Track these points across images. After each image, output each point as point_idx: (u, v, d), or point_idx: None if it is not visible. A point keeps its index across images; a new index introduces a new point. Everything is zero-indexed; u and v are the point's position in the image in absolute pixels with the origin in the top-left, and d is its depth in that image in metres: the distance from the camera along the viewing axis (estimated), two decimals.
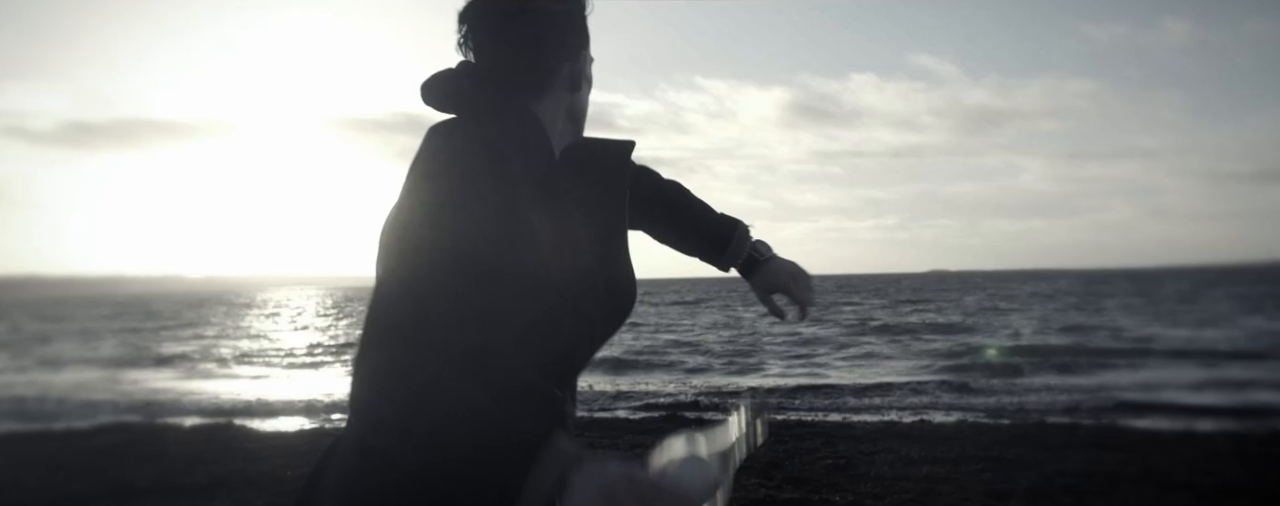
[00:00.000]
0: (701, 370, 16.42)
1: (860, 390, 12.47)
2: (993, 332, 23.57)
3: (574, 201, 1.34)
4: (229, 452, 7.02)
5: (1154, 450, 6.70)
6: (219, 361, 19.75)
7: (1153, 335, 21.90)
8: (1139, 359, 16.47)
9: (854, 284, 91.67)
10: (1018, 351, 17.79)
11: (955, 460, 6.33)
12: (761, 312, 19.26)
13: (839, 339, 22.30)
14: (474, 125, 1.27)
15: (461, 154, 1.23)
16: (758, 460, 6.37)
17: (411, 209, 1.19)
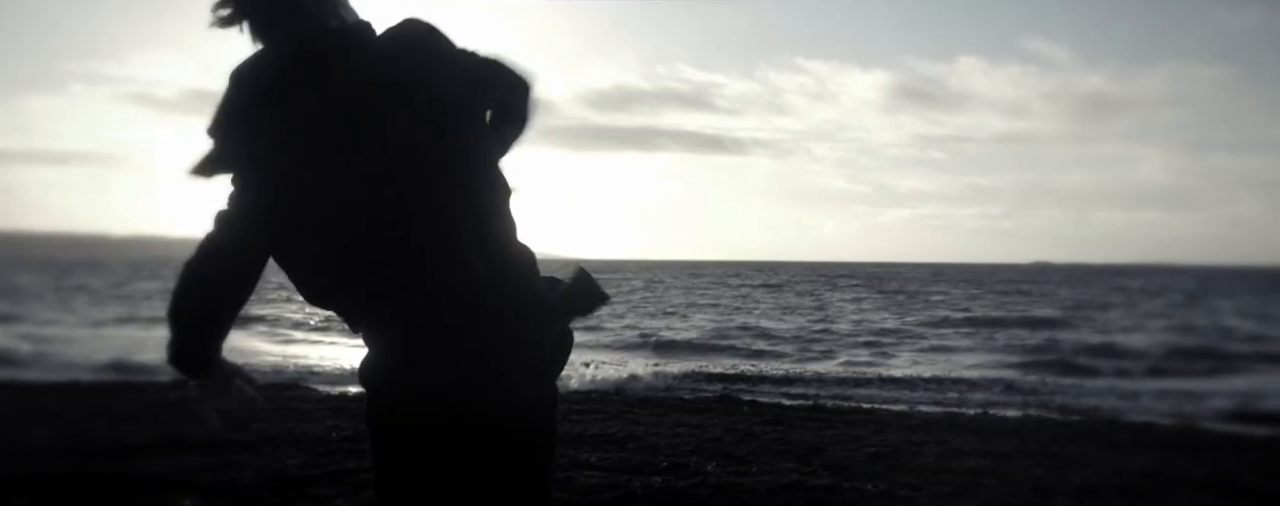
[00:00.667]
0: (765, 354, 16.21)
1: (927, 381, 12.10)
2: (1087, 328, 22.57)
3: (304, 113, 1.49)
4: (286, 412, 7.25)
5: (1230, 455, 6.28)
6: (301, 323, 20.50)
7: (1262, 336, 20.60)
8: (1240, 361, 15.51)
9: (952, 273, 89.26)
10: (1108, 348, 16.97)
11: (1008, 454, 6.06)
12: (846, 299, 19.12)
13: (917, 329, 21.72)
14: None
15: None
16: (800, 444, 6.25)
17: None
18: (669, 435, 6.43)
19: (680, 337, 18.67)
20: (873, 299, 36.35)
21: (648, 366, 13.76)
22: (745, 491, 4.77)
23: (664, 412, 7.68)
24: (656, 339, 18.27)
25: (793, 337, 19.15)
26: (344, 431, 6.32)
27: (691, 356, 15.60)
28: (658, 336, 18.79)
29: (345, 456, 5.47)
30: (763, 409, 8.37)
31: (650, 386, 11.00)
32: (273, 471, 5.01)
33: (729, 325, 22.29)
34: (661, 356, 15.49)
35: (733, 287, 46.98)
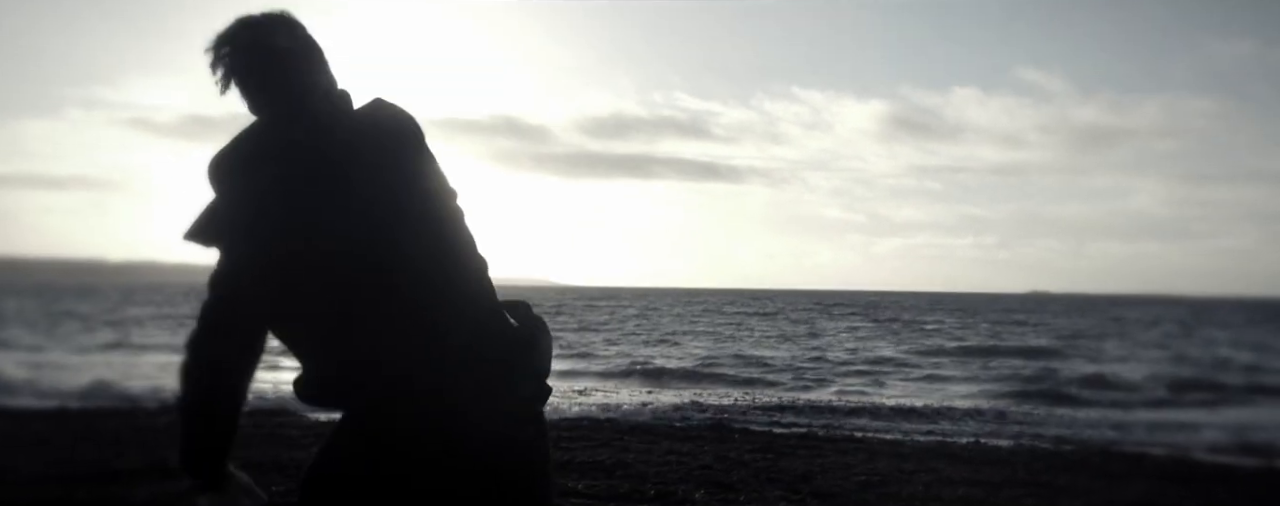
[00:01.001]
0: (759, 382, 16.16)
1: (920, 410, 12.06)
2: (1082, 358, 22.55)
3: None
4: (272, 439, 7.21)
5: (1222, 486, 6.26)
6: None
7: (1257, 367, 20.59)
8: (1234, 393, 15.50)
9: (948, 302, 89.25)
10: (1101, 379, 16.94)
11: (999, 484, 6.03)
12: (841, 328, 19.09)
13: (912, 358, 21.68)
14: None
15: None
16: (789, 472, 6.21)
17: None
18: (659, 463, 6.39)
19: (673, 365, 18.61)
20: (867, 328, 36.33)
21: (639, 394, 13.71)
22: None
23: (654, 440, 7.64)
24: (649, 366, 18.22)
25: (786, 366, 19.10)
26: None
27: (684, 384, 15.55)
28: (651, 364, 18.74)
29: None
30: (754, 437, 8.32)
31: (641, 414, 10.95)
32: None
33: (723, 353, 22.24)
34: (654, 384, 15.44)
35: (727, 315, 46.94)
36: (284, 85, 1.62)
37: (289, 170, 1.57)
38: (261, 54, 1.61)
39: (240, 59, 1.62)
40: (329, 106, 1.65)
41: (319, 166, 1.58)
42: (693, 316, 45.87)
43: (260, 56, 1.61)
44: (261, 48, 1.61)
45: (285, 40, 1.63)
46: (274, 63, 1.61)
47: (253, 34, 1.62)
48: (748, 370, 18.13)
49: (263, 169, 1.58)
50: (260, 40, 1.62)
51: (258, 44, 1.62)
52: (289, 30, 1.64)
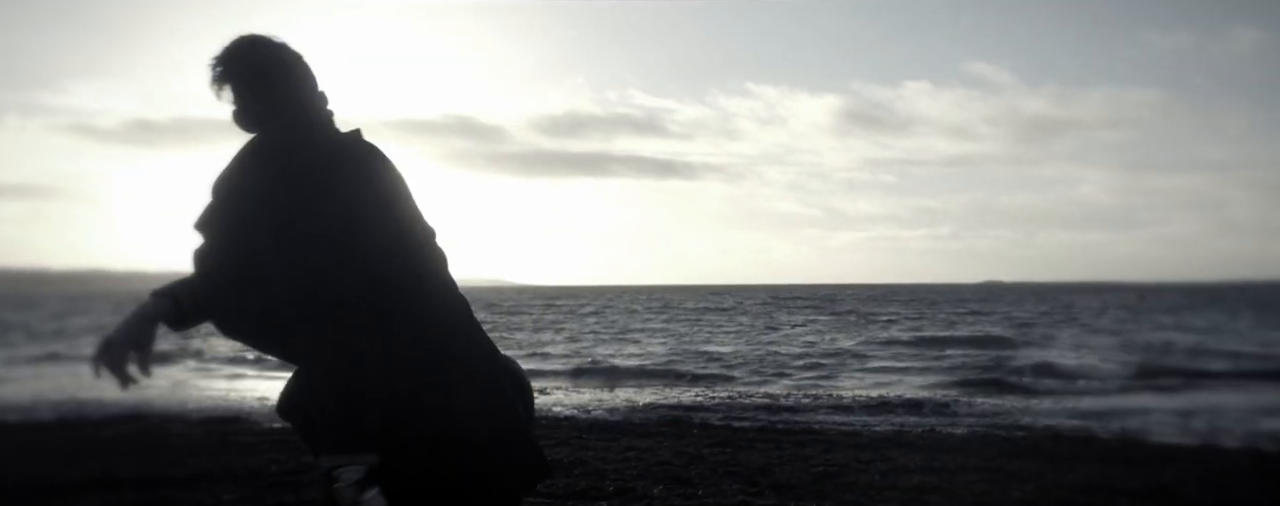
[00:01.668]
0: (717, 377, 16.22)
1: (875, 401, 12.19)
2: (1033, 346, 22.98)
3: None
4: (225, 447, 7.07)
5: (1169, 465, 6.41)
6: (253, 359, 20.06)
7: (1201, 351, 21.16)
8: (1178, 375, 15.91)
9: (903, 294, 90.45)
10: (1050, 365, 17.28)
11: (953, 470, 6.11)
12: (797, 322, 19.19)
13: (868, 350, 21.93)
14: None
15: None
16: (748, 465, 6.24)
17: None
18: (617, 460, 6.38)
19: (631, 363, 18.61)
20: (824, 321, 36.66)
21: (597, 392, 13.69)
22: None
23: (613, 437, 7.62)
24: (607, 364, 18.19)
25: (743, 361, 19.20)
26: (283, 465, 6.17)
27: (642, 381, 15.55)
28: (608, 361, 18.71)
29: (283, 490, 5.34)
30: (712, 431, 8.35)
31: (599, 411, 10.93)
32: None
33: (680, 349, 22.29)
34: (612, 381, 15.42)
35: (685, 312, 47.07)
36: (288, 97, 1.82)
37: (286, 168, 1.75)
38: (263, 67, 1.80)
39: (243, 69, 1.80)
40: (322, 121, 1.86)
41: (309, 170, 1.75)
42: (650, 313, 45.92)
43: (261, 69, 1.80)
44: (266, 61, 1.81)
45: (289, 56, 1.84)
46: (277, 76, 1.81)
47: (278, 49, 1.83)
48: (705, 365, 18.19)
49: (266, 166, 1.78)
50: (282, 52, 1.83)
51: (258, 58, 1.81)
52: (283, 50, 1.84)
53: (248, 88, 1.80)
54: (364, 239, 1.69)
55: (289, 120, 1.81)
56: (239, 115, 1.83)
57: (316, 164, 1.75)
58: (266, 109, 1.81)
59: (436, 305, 1.81)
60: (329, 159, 1.77)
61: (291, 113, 1.82)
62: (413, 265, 1.77)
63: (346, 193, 1.72)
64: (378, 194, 1.77)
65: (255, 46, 1.82)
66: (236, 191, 1.80)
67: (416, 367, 1.73)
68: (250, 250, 1.74)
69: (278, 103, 1.81)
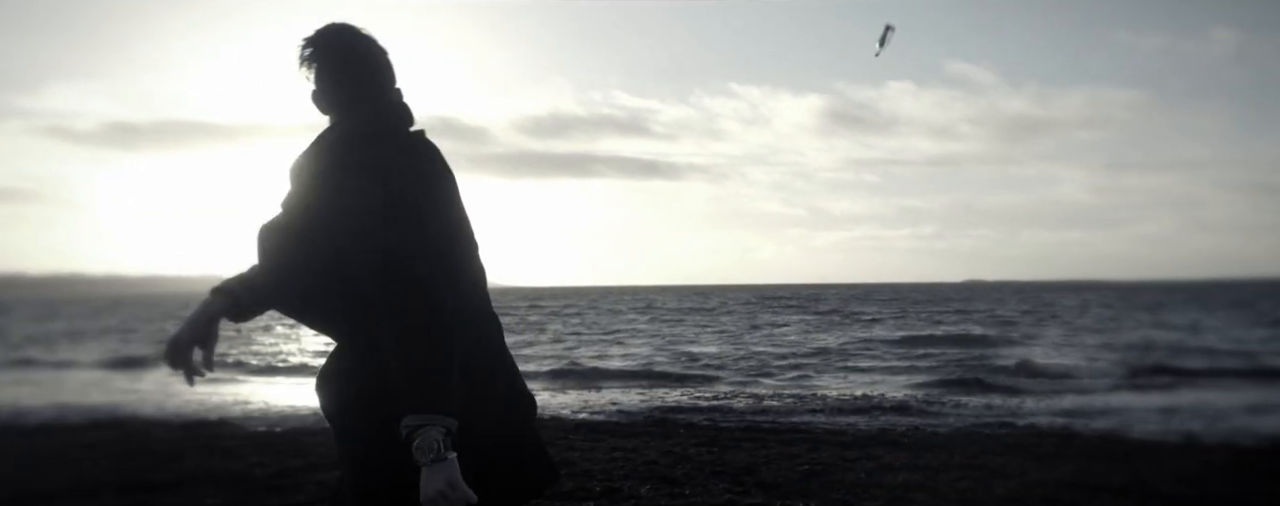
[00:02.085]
0: (702, 377, 16.25)
1: (861, 399, 12.26)
2: (1016, 345, 23.16)
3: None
4: (208, 451, 7.01)
5: (1146, 461, 6.48)
6: (234, 360, 19.94)
7: (1180, 349, 21.38)
8: (1158, 373, 16.07)
9: (886, 293, 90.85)
10: (1033, 363, 17.42)
11: (937, 468, 6.16)
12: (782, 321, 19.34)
13: (853, 349, 22.03)
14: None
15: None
16: (734, 464, 6.26)
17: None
18: (604, 460, 6.39)
19: (616, 363, 18.63)
20: (808, 320, 36.78)
21: (583, 392, 13.69)
22: None
23: (599, 437, 7.63)
24: (592, 364, 18.19)
25: (729, 360, 19.24)
26: (268, 468, 6.14)
27: (627, 381, 15.56)
28: (593, 362, 18.71)
29: (268, 494, 5.32)
30: (698, 431, 8.37)
31: (585, 411, 10.93)
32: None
33: (666, 349, 22.32)
34: (597, 381, 15.42)
35: (670, 312, 47.11)
36: (365, 88, 1.89)
37: (359, 159, 1.81)
38: (345, 55, 1.88)
39: (327, 54, 1.88)
40: (396, 116, 1.92)
41: (380, 161, 1.80)
42: (635, 313, 45.92)
43: (343, 58, 1.88)
44: (349, 50, 1.89)
45: (372, 50, 1.91)
46: (357, 66, 1.88)
47: (364, 40, 1.90)
48: (691, 365, 18.23)
49: (340, 155, 1.83)
50: (369, 44, 1.90)
51: (343, 46, 1.89)
52: (369, 44, 1.91)
53: (327, 72, 1.88)
54: (424, 232, 1.75)
55: (365, 112, 1.88)
56: (316, 96, 1.92)
57: (387, 156, 1.80)
58: (343, 96, 1.89)
59: (472, 309, 1.85)
60: (399, 153, 1.83)
61: (367, 105, 1.88)
62: (463, 268, 1.84)
63: (416, 188, 1.78)
64: (441, 192, 1.85)
65: (342, 34, 1.90)
66: (307, 178, 1.85)
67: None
68: (315, 237, 1.79)
69: (354, 92, 1.88)
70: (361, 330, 1.78)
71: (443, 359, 1.66)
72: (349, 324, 1.82)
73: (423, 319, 1.67)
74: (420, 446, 1.62)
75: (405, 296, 1.68)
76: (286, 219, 1.87)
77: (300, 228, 1.82)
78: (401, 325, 1.67)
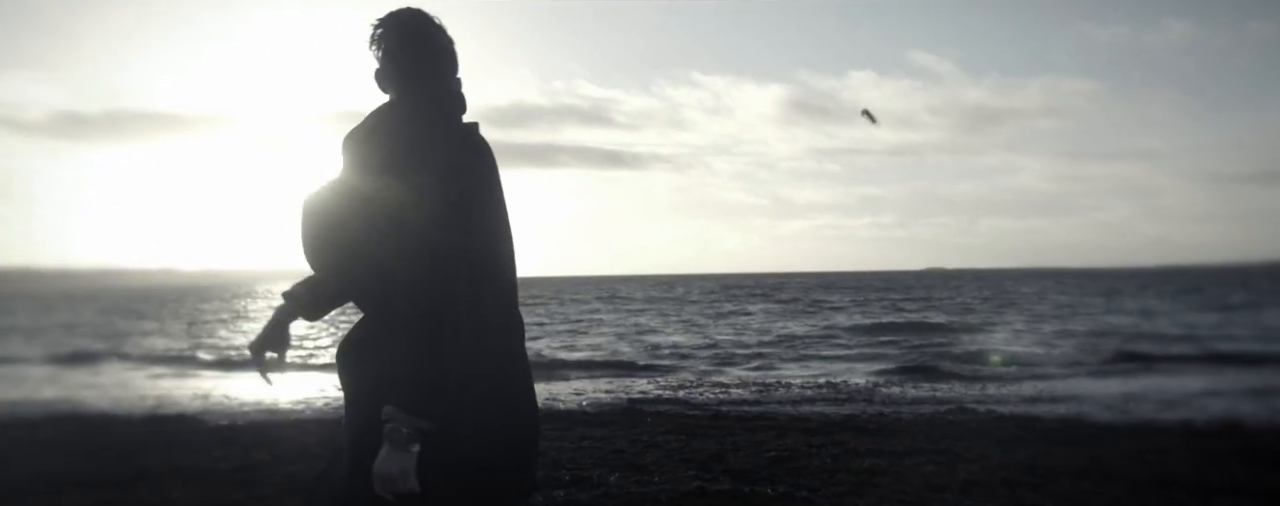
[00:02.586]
0: (669, 366, 16.32)
1: (826, 386, 12.39)
2: (976, 331, 23.51)
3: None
4: (169, 445, 6.92)
5: (1104, 444, 6.62)
6: (191, 355, 19.64)
7: (1136, 334, 21.85)
8: (1115, 359, 16.42)
9: (849, 281, 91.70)
10: (994, 349, 17.71)
11: (902, 453, 6.25)
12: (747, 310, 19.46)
13: (817, 337, 22.24)
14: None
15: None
16: (702, 452, 6.30)
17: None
18: (572, 448, 6.40)
19: (582, 354, 18.62)
20: (772, 309, 37.04)
21: (550, 382, 13.67)
22: (647, 501, 4.78)
23: (567, 426, 7.64)
24: (559, 354, 18.18)
25: (694, 349, 19.33)
26: (231, 462, 6.07)
27: (594, 371, 15.57)
28: (560, 352, 18.69)
29: (233, 487, 5.25)
30: (665, 419, 8.41)
31: (553, 400, 10.92)
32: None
33: (632, 339, 22.36)
34: (564, 371, 15.41)
35: (635, 302, 47.17)
36: (423, 73, 1.95)
37: (409, 143, 1.86)
38: (434, 41, 1.96)
39: (393, 36, 1.94)
40: (452, 105, 1.97)
41: (430, 147, 1.85)
42: (600, 303, 45.91)
43: (405, 41, 1.94)
44: (413, 35, 1.95)
45: (437, 38, 1.97)
46: (418, 51, 1.94)
47: (430, 24, 1.96)
48: (656, 355, 18.28)
49: (390, 138, 1.88)
50: (435, 30, 1.97)
51: (409, 30, 1.95)
52: (436, 32, 1.98)
53: (389, 51, 1.95)
54: (469, 236, 1.81)
55: (421, 94, 1.94)
56: (379, 75, 1.99)
57: (455, 151, 1.87)
58: (403, 76, 1.95)
59: (495, 316, 1.90)
60: (463, 149, 1.89)
61: (424, 88, 1.94)
62: (494, 276, 1.89)
63: (478, 190, 1.86)
64: (492, 195, 1.92)
65: (410, 16, 1.96)
66: (375, 161, 1.88)
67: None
68: (382, 225, 1.82)
69: (414, 73, 1.94)
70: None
71: (438, 364, 1.72)
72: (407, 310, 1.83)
73: (433, 321, 1.72)
74: (391, 432, 1.72)
75: (426, 294, 1.72)
76: (350, 202, 1.87)
77: (366, 214, 1.84)
78: (412, 318, 1.72)
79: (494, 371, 1.87)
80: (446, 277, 1.73)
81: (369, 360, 1.87)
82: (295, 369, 17.05)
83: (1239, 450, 6.30)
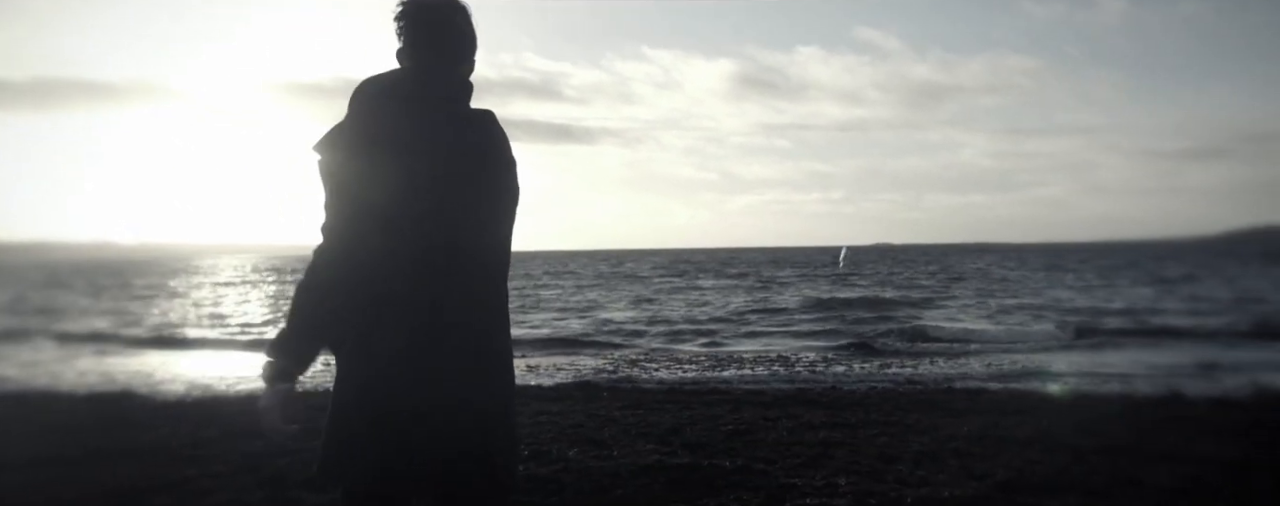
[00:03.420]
0: (622, 341, 16.38)
1: (778, 360, 12.55)
2: (923, 307, 23.96)
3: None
4: (117, 423, 6.77)
5: (1049, 414, 6.82)
6: (131, 332, 19.20)
7: (1078, 308, 22.46)
8: (1059, 332, 16.87)
9: (798, 257, 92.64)
10: (942, 324, 18.08)
11: (855, 425, 6.37)
12: (698, 285, 19.54)
13: (767, 312, 22.46)
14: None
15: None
16: (659, 426, 6.36)
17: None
18: (529, 423, 6.40)
19: (535, 330, 18.59)
20: (723, 285, 37.30)
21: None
22: (607, 474, 4.81)
23: (524, 402, 7.64)
24: (512, 330, 18.13)
25: (648, 324, 19.42)
26: (183, 438, 5.97)
27: (548, 347, 15.58)
28: (513, 328, 18.62)
29: (185, 463, 5.18)
30: (621, 394, 8.45)
31: None
32: (107, 486, 4.67)
33: (585, 314, 22.37)
34: (519, 347, 15.39)
35: (587, 277, 47.14)
36: (442, 54, 2.01)
37: (406, 114, 1.94)
38: (442, 23, 2.02)
39: (421, 19, 2.01)
40: (459, 88, 2.03)
41: (424, 126, 1.94)
42: (550, 278, 45.81)
43: (440, 25, 2.01)
44: (445, 19, 2.02)
45: (463, 23, 2.04)
46: (447, 34, 2.02)
47: (445, 7, 2.02)
48: (610, 330, 18.33)
49: (388, 105, 1.95)
50: (447, 14, 2.02)
51: (443, 15, 2.02)
52: (466, 17, 2.05)
53: (401, 32, 2.02)
54: (337, 210, 1.95)
55: (416, 75, 2.00)
56: (400, 53, 2.05)
57: (444, 123, 1.97)
58: (409, 56, 2.02)
59: (357, 282, 2.02)
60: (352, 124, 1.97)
61: (419, 66, 2.01)
62: (361, 245, 1.92)
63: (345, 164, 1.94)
64: (372, 168, 1.93)
65: (425, 4, 2.02)
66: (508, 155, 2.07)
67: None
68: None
69: (418, 56, 2.01)
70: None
71: (291, 312, 1.92)
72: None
73: (302, 278, 1.94)
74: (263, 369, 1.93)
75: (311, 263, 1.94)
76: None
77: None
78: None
79: (347, 342, 1.94)
80: (320, 248, 1.93)
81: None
82: (241, 347, 16.76)
83: (1174, 418, 6.55)
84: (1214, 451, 5.32)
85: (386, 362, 1.89)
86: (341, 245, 1.89)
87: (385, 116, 1.94)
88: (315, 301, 1.89)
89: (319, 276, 1.89)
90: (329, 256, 1.89)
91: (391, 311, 1.89)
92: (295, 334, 1.89)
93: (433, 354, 1.91)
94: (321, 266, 1.89)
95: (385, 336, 1.89)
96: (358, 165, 1.90)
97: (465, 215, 1.94)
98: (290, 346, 1.90)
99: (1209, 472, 4.78)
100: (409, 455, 1.90)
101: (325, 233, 1.91)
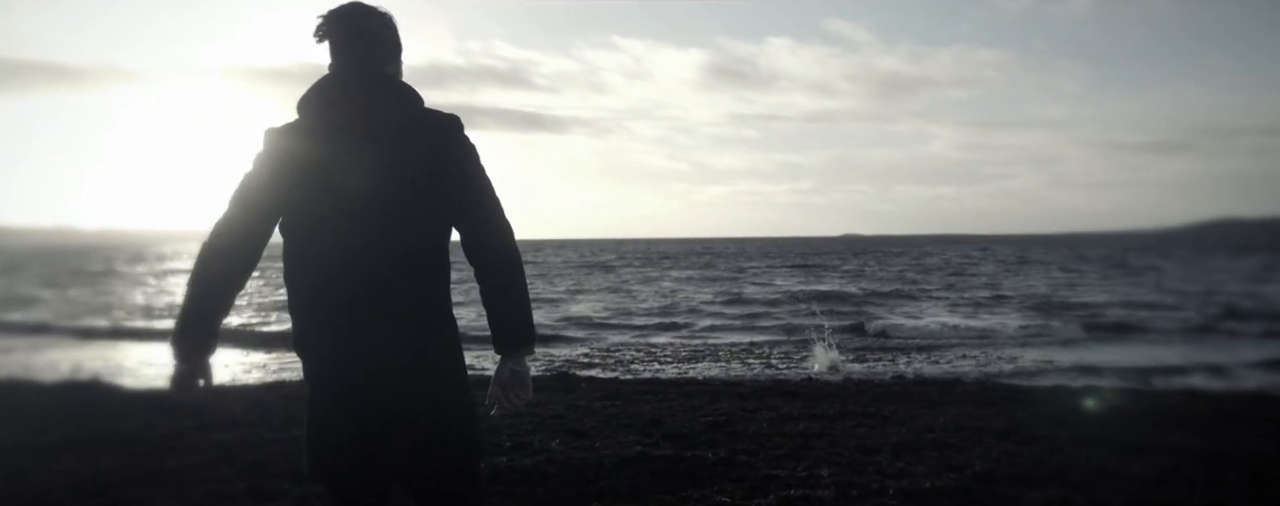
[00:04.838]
0: (593, 335, 16.38)
1: (754, 352, 12.62)
2: (896, 299, 24.17)
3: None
4: (89, 413, 6.66)
5: (1022, 406, 6.92)
6: (91, 318, 18.91)
7: (1049, 302, 22.77)
8: (1030, 326, 17.10)
9: (769, 248, 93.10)
10: (913, 315, 18.25)
11: (834, 416, 6.43)
12: (670, 276, 19.51)
13: (740, 303, 22.55)
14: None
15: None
16: (640, 417, 6.37)
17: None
18: (510, 415, 6.37)
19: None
20: (696, 276, 37.40)
21: (478, 349, 13.61)
22: (590, 466, 4.82)
23: None
24: (483, 322, 18.05)
25: (623, 314, 19.43)
26: (158, 429, 5.89)
27: None
28: (484, 320, 18.57)
29: (163, 455, 5.11)
30: (600, 385, 8.45)
31: (483, 367, 10.88)
32: (83, 476, 4.61)
33: (557, 305, 22.33)
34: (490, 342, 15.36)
35: (558, 268, 47.06)
36: (361, 58, 2.11)
37: (329, 118, 2.07)
38: (354, 29, 2.11)
39: (337, 27, 2.12)
40: (386, 86, 2.12)
41: (353, 124, 2.06)
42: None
43: (353, 30, 2.11)
44: (356, 24, 2.11)
45: (377, 26, 2.13)
46: (363, 37, 2.12)
47: (356, 12, 2.12)
48: (584, 321, 18.32)
49: (308, 110, 2.10)
50: (357, 18, 2.12)
51: (354, 20, 2.12)
52: (381, 21, 2.14)
53: (326, 44, 2.15)
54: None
55: (342, 78, 2.13)
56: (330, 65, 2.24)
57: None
58: (331, 65, 2.16)
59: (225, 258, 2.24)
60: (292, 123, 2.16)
61: (343, 70, 2.14)
62: (226, 226, 2.12)
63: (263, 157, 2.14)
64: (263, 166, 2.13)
65: (355, 13, 2.14)
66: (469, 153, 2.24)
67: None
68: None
69: (337, 62, 2.15)
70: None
71: (182, 305, 2.12)
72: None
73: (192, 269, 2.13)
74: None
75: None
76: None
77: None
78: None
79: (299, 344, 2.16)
80: (206, 245, 2.10)
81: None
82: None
83: (1148, 410, 6.68)
84: (1188, 442, 5.43)
85: (333, 365, 2.09)
86: (234, 244, 2.05)
87: (318, 124, 2.08)
88: (201, 294, 2.07)
89: (208, 268, 2.07)
90: (218, 250, 2.07)
91: (323, 313, 2.06)
92: (184, 327, 2.08)
93: (371, 353, 2.08)
94: (211, 259, 2.06)
95: (322, 337, 2.07)
96: (284, 167, 2.06)
97: (398, 211, 2.06)
98: (179, 338, 2.09)
99: (1184, 463, 4.89)
100: (376, 457, 2.12)
101: (220, 225, 2.06)
